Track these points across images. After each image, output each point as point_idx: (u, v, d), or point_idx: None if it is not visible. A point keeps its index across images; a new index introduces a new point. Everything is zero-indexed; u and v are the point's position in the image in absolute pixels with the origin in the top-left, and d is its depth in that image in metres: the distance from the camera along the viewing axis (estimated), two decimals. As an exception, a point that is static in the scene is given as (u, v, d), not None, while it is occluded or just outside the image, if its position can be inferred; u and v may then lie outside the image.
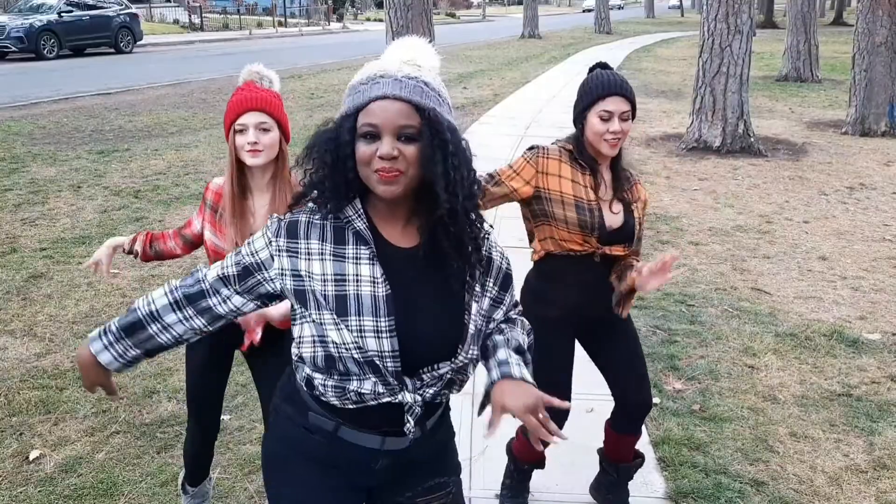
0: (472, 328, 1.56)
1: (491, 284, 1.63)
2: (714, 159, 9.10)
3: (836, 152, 9.53)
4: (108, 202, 7.10)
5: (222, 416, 3.55)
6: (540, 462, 2.87)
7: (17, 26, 19.53)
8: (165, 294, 1.64)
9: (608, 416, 2.79)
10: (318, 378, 1.57)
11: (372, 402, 1.55)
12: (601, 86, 2.38)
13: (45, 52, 19.95)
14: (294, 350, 1.61)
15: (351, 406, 1.57)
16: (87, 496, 3.02)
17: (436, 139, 1.44)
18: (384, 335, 1.49)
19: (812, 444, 3.37)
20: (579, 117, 2.45)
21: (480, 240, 1.55)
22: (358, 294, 1.49)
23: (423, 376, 1.54)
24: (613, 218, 2.47)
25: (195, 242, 2.54)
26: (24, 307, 4.79)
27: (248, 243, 1.58)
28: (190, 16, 34.50)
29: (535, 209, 2.50)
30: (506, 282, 1.66)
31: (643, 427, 3.41)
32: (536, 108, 12.95)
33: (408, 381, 1.54)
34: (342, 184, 1.48)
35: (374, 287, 1.49)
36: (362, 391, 1.53)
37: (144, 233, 2.62)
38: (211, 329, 1.64)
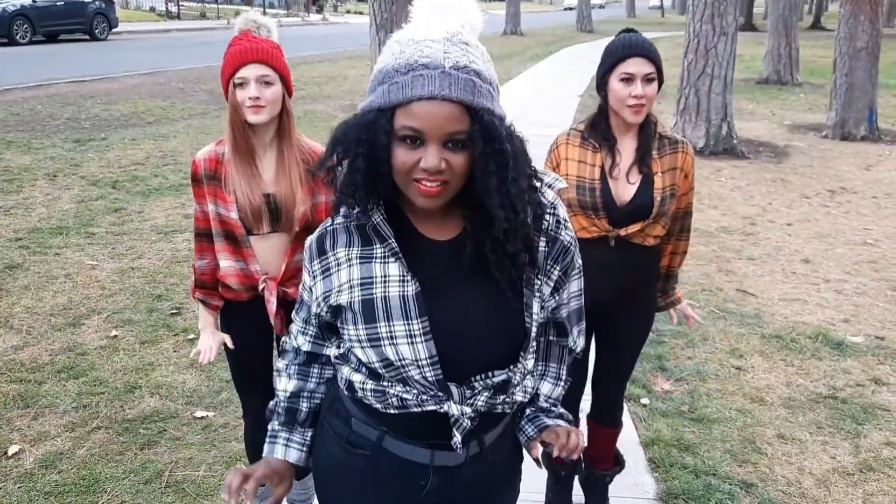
0: (533, 331, 1.35)
1: (553, 267, 1.42)
2: (697, 160, 9.11)
3: (818, 156, 9.62)
4: (86, 192, 6.96)
5: (206, 413, 3.50)
6: (577, 466, 2.82)
7: (-11, 10, 19.14)
8: (289, 377, 1.57)
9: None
10: (358, 379, 1.40)
11: (415, 409, 1.35)
12: (622, 47, 2.24)
13: (17, 37, 19.53)
14: (332, 350, 1.50)
15: (394, 412, 1.38)
16: (69, 493, 2.95)
17: (489, 147, 1.22)
18: (418, 339, 1.30)
19: (799, 446, 3.38)
20: (602, 83, 2.31)
21: (538, 238, 1.35)
22: (385, 296, 1.32)
23: (475, 384, 1.34)
24: (627, 190, 2.31)
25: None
26: (0, 298, 4.67)
27: (302, 283, 1.48)
28: (167, 4, 34.03)
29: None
30: (571, 266, 1.45)
31: (634, 430, 3.42)
32: (520, 106, 12.93)
33: (454, 389, 1.34)
34: (376, 190, 1.30)
35: (401, 286, 1.32)
36: (405, 396, 1.35)
37: (198, 291, 2.41)
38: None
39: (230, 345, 2.40)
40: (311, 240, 1.43)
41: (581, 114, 11.95)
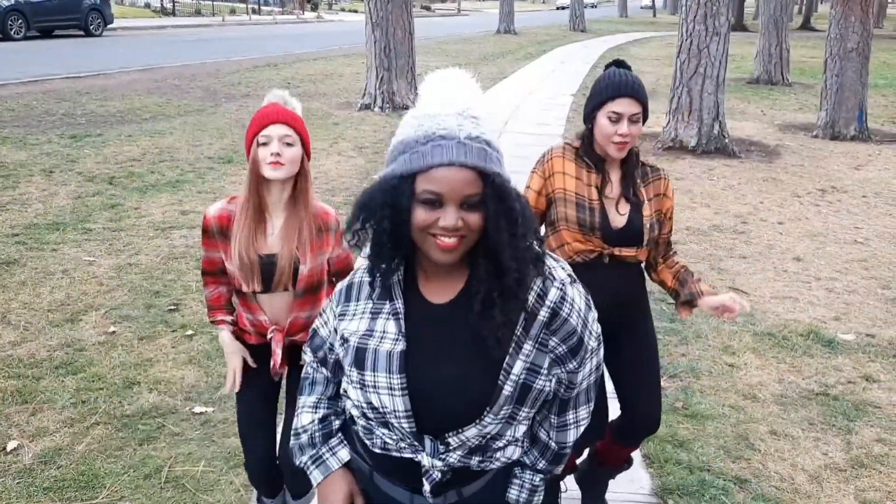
0: (507, 389, 1.42)
1: (556, 343, 1.47)
2: (690, 159, 9.20)
3: (808, 155, 9.70)
4: (82, 188, 6.96)
5: (205, 409, 3.53)
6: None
7: (-18, 5, 19.05)
8: (315, 409, 1.68)
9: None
10: (355, 414, 1.55)
11: (395, 454, 1.51)
12: (612, 86, 2.32)
13: (11, 32, 19.46)
14: (344, 382, 1.60)
15: (378, 451, 1.53)
16: (69, 488, 2.97)
17: (501, 206, 1.36)
18: (396, 393, 1.44)
19: (792, 443, 3.43)
20: (589, 116, 2.40)
21: (540, 307, 1.46)
22: (376, 349, 1.46)
23: (449, 440, 1.46)
24: (619, 218, 2.41)
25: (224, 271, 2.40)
26: (-3, 294, 4.68)
27: (323, 321, 1.63)
28: (161, 0, 33.91)
29: (551, 216, 2.47)
30: (577, 347, 1.48)
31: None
32: (514, 104, 12.97)
33: (428, 442, 1.47)
34: (399, 249, 1.43)
35: (393, 343, 1.45)
36: (387, 440, 1.51)
37: (210, 314, 2.47)
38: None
39: (249, 360, 2.44)
40: (343, 285, 1.59)
41: (575, 113, 12.01)
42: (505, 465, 1.56)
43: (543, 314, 1.45)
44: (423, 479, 1.49)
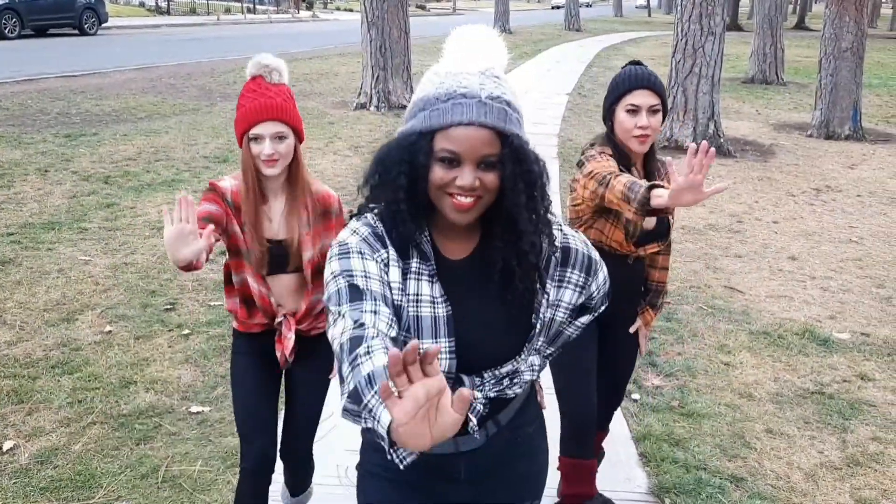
0: (538, 326, 1.50)
1: (573, 272, 1.54)
2: (683, 158, 9.20)
3: (803, 154, 9.73)
4: (77, 187, 6.95)
5: (202, 408, 3.52)
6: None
7: (-24, 4, 18.98)
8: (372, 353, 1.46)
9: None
10: None
11: None
12: (628, 80, 2.31)
13: (6, 31, 19.39)
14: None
15: None
16: (65, 488, 2.96)
17: (518, 168, 1.35)
18: (444, 356, 1.41)
19: (787, 441, 3.45)
20: (608, 114, 2.37)
21: (547, 253, 1.48)
22: (417, 315, 1.42)
23: (484, 374, 1.48)
24: (650, 220, 2.38)
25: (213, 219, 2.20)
26: (-7, 294, 4.66)
27: (361, 271, 1.40)
28: (156, -1, 33.88)
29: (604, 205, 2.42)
30: (590, 266, 1.58)
31: (625, 425, 3.47)
32: (509, 103, 12.96)
33: (466, 379, 1.46)
34: (416, 207, 1.40)
35: (434, 307, 1.42)
36: None
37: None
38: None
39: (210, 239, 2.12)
40: (365, 234, 1.44)
41: (570, 112, 12.02)
42: (528, 391, 1.63)
43: (556, 255, 1.52)
44: (470, 414, 1.41)
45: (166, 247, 1.85)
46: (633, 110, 2.29)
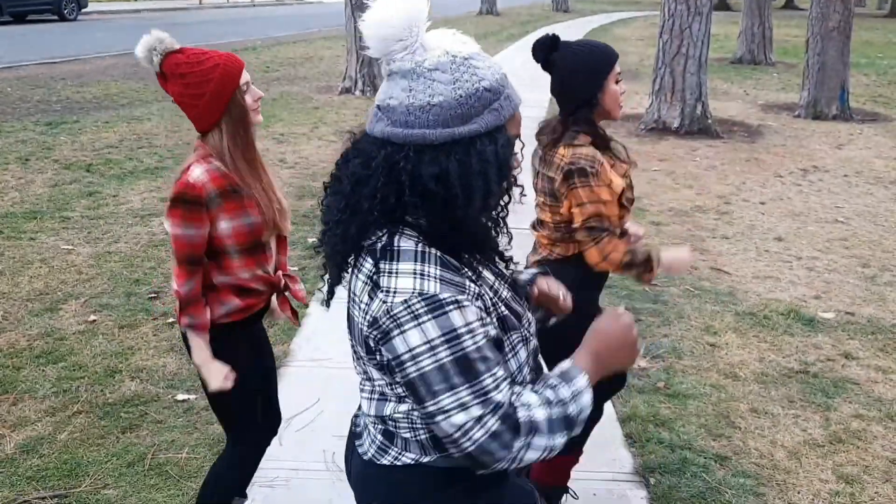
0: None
1: None
2: (673, 140, 9.22)
3: (790, 135, 9.74)
4: (59, 176, 6.88)
5: (188, 396, 3.51)
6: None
7: (-46, -10, 18.68)
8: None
9: None
10: None
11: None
12: (608, 52, 2.34)
13: (-15, 17, 19.14)
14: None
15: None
16: (51, 477, 2.95)
17: None
18: (527, 336, 1.45)
19: (772, 420, 3.47)
20: (596, 90, 2.30)
21: None
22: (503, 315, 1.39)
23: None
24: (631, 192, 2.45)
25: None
26: (-25, 284, 4.62)
27: (477, 331, 1.23)
28: (138, -17, 33.41)
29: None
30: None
31: (611, 406, 3.48)
32: (496, 86, 12.90)
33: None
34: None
35: (496, 294, 1.39)
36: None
37: (184, 317, 2.32)
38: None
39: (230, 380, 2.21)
40: (436, 273, 1.21)
41: (558, 94, 11.97)
42: None
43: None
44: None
45: None
46: (621, 78, 2.36)
